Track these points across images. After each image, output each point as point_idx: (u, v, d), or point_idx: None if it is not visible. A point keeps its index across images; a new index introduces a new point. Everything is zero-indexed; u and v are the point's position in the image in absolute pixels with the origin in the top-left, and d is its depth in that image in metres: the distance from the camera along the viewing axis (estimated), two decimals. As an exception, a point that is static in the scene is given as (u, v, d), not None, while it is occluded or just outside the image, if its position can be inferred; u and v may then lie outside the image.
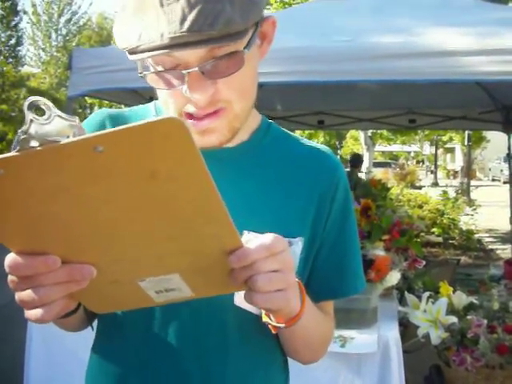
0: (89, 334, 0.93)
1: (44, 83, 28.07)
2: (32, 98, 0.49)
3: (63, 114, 0.49)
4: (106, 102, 12.00)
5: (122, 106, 5.59)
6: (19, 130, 0.49)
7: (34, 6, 28.79)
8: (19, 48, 23.98)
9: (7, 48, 22.89)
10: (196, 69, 0.69)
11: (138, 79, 0.77)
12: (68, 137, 0.48)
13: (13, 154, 0.48)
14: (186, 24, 0.65)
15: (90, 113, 26.96)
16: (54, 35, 30.26)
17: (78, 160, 0.48)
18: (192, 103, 0.73)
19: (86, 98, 13.86)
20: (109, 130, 0.46)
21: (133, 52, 0.70)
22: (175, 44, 0.66)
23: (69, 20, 30.58)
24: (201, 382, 0.81)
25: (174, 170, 0.49)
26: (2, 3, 21.75)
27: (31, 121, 0.48)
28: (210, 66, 0.70)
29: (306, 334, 0.82)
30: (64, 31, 30.58)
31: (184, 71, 0.70)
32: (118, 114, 0.89)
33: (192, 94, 0.71)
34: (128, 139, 0.46)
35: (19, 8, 23.27)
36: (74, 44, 27.72)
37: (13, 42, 23.17)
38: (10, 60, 22.98)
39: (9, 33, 22.72)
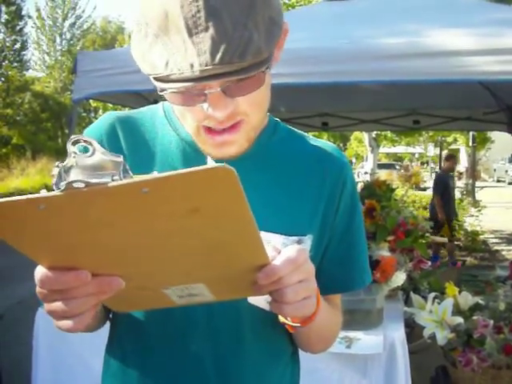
0: (94, 338, 0.93)
1: (49, 87, 28.22)
2: (75, 136, 0.51)
3: (106, 151, 0.50)
4: (110, 105, 11.99)
5: (127, 108, 5.59)
6: (59, 164, 0.49)
7: (38, 10, 28.96)
8: (24, 52, 24.12)
9: (12, 52, 23.01)
10: (218, 89, 0.70)
11: (143, 82, 0.77)
12: (113, 175, 0.48)
13: (57, 193, 0.48)
14: (218, 56, 0.64)
15: (94, 116, 27.06)
16: (58, 39, 30.43)
17: (123, 200, 0.49)
18: (211, 118, 0.74)
19: (91, 101, 13.86)
20: (157, 175, 0.47)
21: (161, 80, 0.69)
22: (206, 76, 0.66)
23: (73, 24, 30.73)
24: (219, 381, 0.83)
25: (216, 208, 0.51)
26: (7, 8, 21.87)
27: (74, 157, 0.49)
28: (232, 86, 0.71)
29: (319, 329, 0.83)
30: (68, 35, 30.77)
31: (206, 91, 0.70)
32: (128, 117, 0.88)
33: (214, 111, 0.72)
34: (174, 183, 0.47)
35: (24, 12, 23.44)
36: (78, 48, 27.86)
37: (17, 46, 23.30)
38: (15, 64, 23.12)
39: (14, 37, 22.84)
